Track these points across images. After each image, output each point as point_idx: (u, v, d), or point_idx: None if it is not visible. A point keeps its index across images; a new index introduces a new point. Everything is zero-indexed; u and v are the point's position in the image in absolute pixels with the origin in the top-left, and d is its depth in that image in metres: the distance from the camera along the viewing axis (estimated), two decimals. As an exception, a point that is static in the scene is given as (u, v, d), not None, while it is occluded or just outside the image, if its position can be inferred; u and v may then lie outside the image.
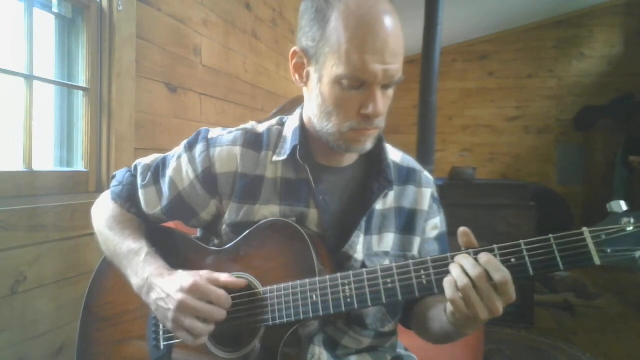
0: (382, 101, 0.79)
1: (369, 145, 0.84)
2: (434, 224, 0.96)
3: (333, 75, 0.77)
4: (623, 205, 0.64)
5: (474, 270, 0.65)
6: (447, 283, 0.68)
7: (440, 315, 0.78)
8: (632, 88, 4.83)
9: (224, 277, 0.80)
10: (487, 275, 0.65)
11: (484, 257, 0.67)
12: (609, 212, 0.65)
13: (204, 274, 0.80)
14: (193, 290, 0.76)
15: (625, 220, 0.63)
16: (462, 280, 0.65)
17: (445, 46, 4.81)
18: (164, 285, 0.80)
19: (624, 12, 5.00)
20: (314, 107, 0.84)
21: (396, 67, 0.77)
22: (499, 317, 0.66)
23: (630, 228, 0.63)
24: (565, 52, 5.18)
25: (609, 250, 0.63)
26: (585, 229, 0.65)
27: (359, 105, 0.79)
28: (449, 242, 0.98)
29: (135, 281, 0.84)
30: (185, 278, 0.78)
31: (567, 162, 5.21)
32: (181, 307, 0.76)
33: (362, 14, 0.75)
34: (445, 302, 0.77)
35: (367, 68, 0.75)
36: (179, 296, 0.76)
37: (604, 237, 0.64)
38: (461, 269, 0.67)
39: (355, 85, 0.77)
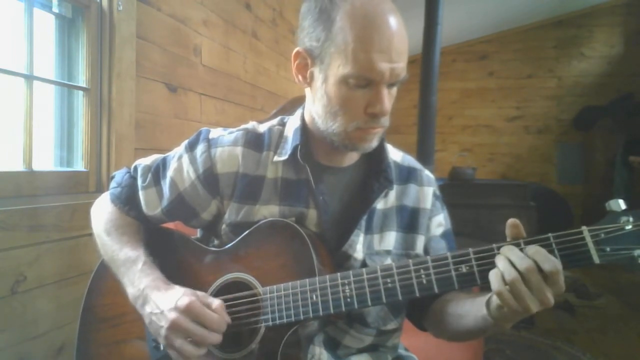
0: (388, 99, 0.80)
1: (374, 143, 0.85)
2: (438, 222, 0.96)
3: (339, 75, 0.77)
4: (622, 204, 0.64)
5: (522, 262, 0.63)
6: (493, 276, 0.65)
7: (474, 311, 0.76)
8: (632, 88, 4.83)
9: (216, 303, 0.77)
10: (537, 267, 0.63)
11: (531, 248, 0.65)
12: (608, 210, 0.65)
13: (202, 295, 0.78)
14: (187, 311, 0.74)
15: (624, 219, 0.63)
16: (510, 273, 0.63)
17: (445, 46, 4.81)
18: (158, 300, 0.78)
19: (624, 12, 5.00)
20: (318, 108, 0.84)
21: (402, 65, 0.77)
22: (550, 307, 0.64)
23: (629, 227, 0.63)
24: (565, 52, 5.18)
25: (608, 249, 0.63)
26: (584, 228, 0.65)
27: (365, 104, 0.79)
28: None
29: (131, 291, 0.83)
30: (180, 296, 0.76)
31: (567, 162, 5.21)
32: (173, 327, 0.75)
33: (368, 14, 0.75)
34: (478, 297, 0.77)
35: (374, 67, 0.75)
36: (173, 315, 0.75)
37: (603, 235, 0.64)
38: (508, 262, 0.64)
39: (362, 85, 0.77)
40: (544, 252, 0.64)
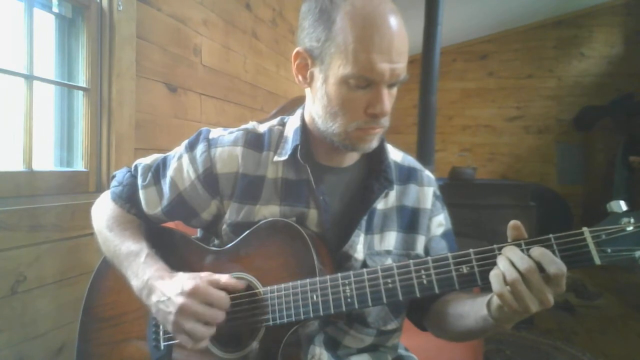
0: (388, 100, 0.80)
1: (374, 143, 0.85)
2: (439, 222, 0.96)
3: (340, 75, 0.77)
4: (623, 205, 0.64)
5: (523, 263, 0.63)
6: (494, 277, 0.66)
7: (475, 311, 0.76)
8: (632, 88, 4.83)
9: (224, 278, 0.79)
10: (538, 268, 0.63)
11: (537, 249, 0.65)
12: (609, 212, 0.65)
13: (205, 276, 0.79)
14: (194, 294, 0.76)
15: (625, 220, 0.63)
16: (511, 274, 0.63)
17: (445, 46, 4.81)
18: (164, 288, 0.79)
19: (624, 12, 5.00)
20: (318, 108, 0.84)
21: (402, 66, 0.78)
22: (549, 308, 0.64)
23: (630, 228, 0.63)
24: (565, 52, 5.18)
25: (609, 250, 0.63)
26: (585, 229, 0.65)
27: (365, 105, 0.79)
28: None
29: (135, 283, 0.84)
30: (186, 281, 0.78)
31: (567, 162, 5.21)
32: (182, 311, 0.76)
33: (368, 14, 0.75)
34: (478, 297, 0.77)
35: (374, 67, 0.75)
36: (180, 300, 0.76)
37: (604, 236, 0.64)
38: (509, 262, 0.65)
39: (362, 85, 0.77)
40: (549, 255, 0.64)
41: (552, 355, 2.42)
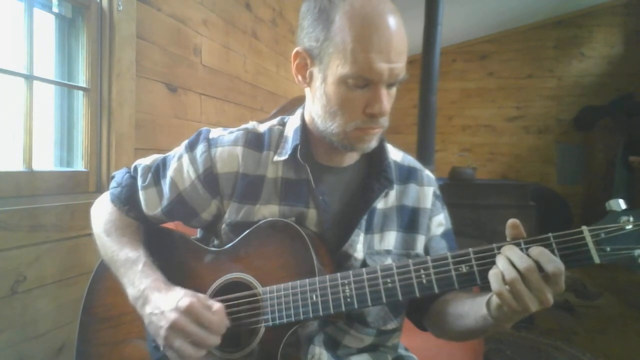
0: (387, 100, 0.79)
1: (373, 143, 0.85)
2: (439, 221, 0.96)
3: (338, 75, 0.77)
4: (622, 204, 0.65)
5: (522, 262, 0.63)
6: (493, 276, 0.66)
7: (474, 311, 0.76)
8: (632, 88, 4.83)
9: (216, 306, 0.77)
10: (537, 267, 0.63)
11: (535, 249, 0.65)
12: (608, 210, 0.65)
13: (202, 297, 0.78)
14: (188, 312, 0.74)
15: (624, 218, 0.63)
16: (510, 273, 0.63)
17: (445, 46, 4.81)
18: (159, 301, 0.78)
19: (624, 12, 5.00)
20: (317, 108, 0.84)
21: (401, 65, 0.77)
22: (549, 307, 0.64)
23: (630, 226, 0.63)
24: (565, 52, 5.18)
25: (608, 249, 0.63)
26: (584, 228, 0.65)
27: (364, 105, 0.79)
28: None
29: (131, 291, 0.83)
30: (182, 297, 0.76)
31: (567, 162, 5.21)
32: (173, 327, 0.74)
33: (367, 14, 0.75)
34: (478, 296, 0.77)
35: (373, 67, 0.75)
36: (173, 316, 0.74)
37: (603, 235, 0.64)
38: (508, 261, 0.65)
39: (361, 85, 0.77)
40: (547, 253, 0.64)
41: (552, 355, 2.42)
